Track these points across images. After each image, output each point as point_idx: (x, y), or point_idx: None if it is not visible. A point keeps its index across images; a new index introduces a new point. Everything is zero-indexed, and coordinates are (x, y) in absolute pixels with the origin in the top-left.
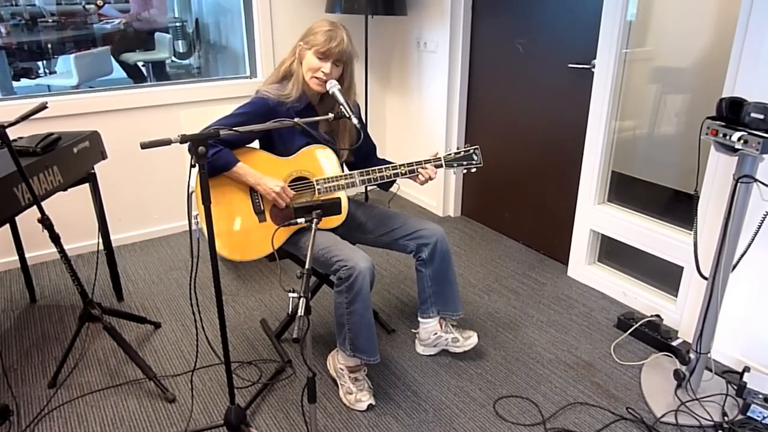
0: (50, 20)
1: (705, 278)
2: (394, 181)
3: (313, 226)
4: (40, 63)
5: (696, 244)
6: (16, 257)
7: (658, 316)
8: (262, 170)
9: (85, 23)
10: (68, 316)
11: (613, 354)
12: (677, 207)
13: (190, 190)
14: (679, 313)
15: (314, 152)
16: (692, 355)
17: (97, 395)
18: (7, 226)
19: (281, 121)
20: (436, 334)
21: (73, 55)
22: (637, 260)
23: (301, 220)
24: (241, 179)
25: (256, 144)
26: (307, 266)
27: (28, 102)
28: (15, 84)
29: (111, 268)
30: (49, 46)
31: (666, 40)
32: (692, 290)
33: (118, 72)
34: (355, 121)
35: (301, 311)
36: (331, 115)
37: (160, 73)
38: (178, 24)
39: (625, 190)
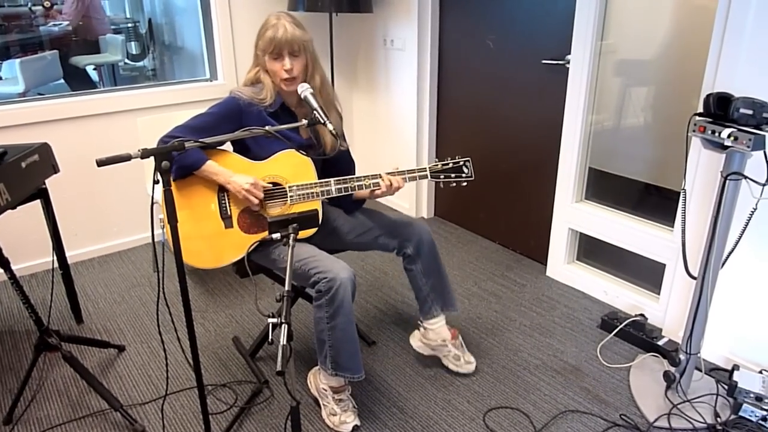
0: None
1: (694, 278)
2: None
3: (290, 241)
4: None
5: (684, 243)
6: None
7: (642, 315)
8: None
9: (30, 26)
10: (23, 343)
11: (599, 356)
12: (657, 203)
13: (153, 202)
14: (663, 310)
15: (288, 157)
16: (682, 356)
17: (58, 430)
18: None
19: (251, 130)
20: (444, 341)
21: (18, 60)
22: (617, 258)
23: (276, 235)
24: (210, 178)
25: (229, 146)
26: (286, 287)
27: None
28: None
29: (68, 288)
30: None
31: (636, 33)
32: (675, 288)
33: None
34: (330, 127)
35: (283, 339)
36: (304, 122)
37: (111, 77)
38: (129, 24)
39: (604, 187)
